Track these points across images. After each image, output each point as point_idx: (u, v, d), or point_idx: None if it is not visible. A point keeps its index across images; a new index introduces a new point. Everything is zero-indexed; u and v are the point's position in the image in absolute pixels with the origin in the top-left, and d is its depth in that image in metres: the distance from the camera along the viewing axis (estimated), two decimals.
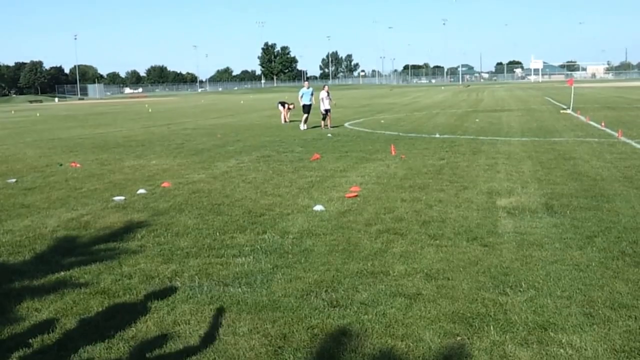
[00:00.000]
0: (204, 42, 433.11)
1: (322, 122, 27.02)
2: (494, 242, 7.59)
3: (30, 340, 5.09)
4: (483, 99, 56.17)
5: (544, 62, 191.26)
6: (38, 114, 56.05)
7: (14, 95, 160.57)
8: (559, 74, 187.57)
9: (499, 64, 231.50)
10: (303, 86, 29.28)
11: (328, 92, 27.26)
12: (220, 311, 5.59)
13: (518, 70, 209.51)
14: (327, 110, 26.81)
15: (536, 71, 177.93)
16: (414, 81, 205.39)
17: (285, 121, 30.94)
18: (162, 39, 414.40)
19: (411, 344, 4.79)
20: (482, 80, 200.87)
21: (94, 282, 6.59)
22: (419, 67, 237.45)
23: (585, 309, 5.39)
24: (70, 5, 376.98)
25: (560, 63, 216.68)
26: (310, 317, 5.35)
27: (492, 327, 5.04)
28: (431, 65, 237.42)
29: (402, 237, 7.92)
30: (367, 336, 4.95)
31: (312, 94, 28.23)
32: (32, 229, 9.11)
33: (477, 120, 28.64)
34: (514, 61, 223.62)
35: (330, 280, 6.31)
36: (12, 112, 67.02)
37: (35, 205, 10.76)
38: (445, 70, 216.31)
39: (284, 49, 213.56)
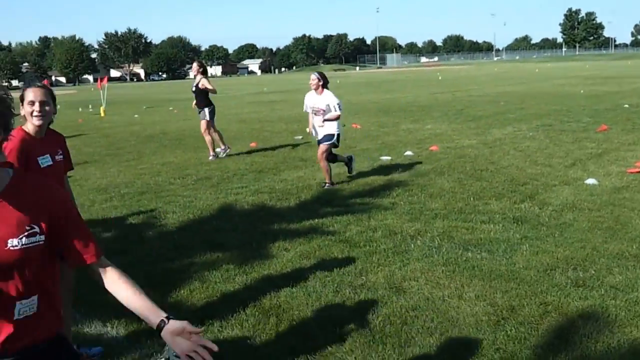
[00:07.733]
0: (502, 10, 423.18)
1: None
2: None
3: (272, 275, 5.57)
4: None
5: None
6: (338, 81, 59.38)
7: (322, 65, 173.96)
8: None
9: None
10: None
11: None
12: (451, 273, 5.37)
13: None
14: None
15: None
16: None
17: (212, 154, 12.86)
18: (459, 8, 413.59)
19: None
20: None
21: (340, 231, 6.88)
22: None
23: None
24: None
25: None
26: (547, 293, 4.85)
27: None
28: None
29: None
30: (608, 322, 4.34)
31: None
32: (303, 179, 10.00)
33: None
34: None
35: (582, 259, 5.67)
36: None
37: (312, 160, 11.44)
38: None
39: (589, 14, 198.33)
